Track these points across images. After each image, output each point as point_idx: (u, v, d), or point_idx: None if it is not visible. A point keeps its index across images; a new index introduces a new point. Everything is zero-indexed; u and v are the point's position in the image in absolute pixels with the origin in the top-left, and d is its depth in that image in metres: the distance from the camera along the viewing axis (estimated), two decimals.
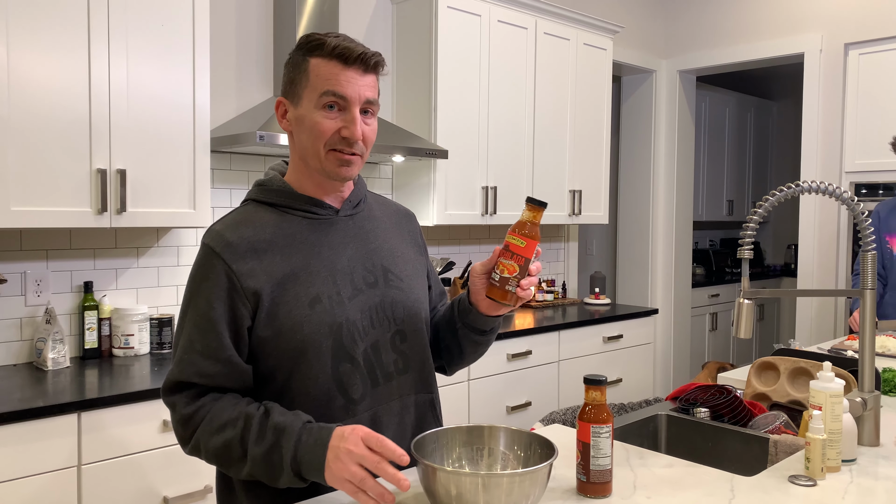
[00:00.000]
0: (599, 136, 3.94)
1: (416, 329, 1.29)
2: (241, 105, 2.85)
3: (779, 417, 1.67)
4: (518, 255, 1.14)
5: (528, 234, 1.15)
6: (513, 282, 1.15)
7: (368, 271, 1.24)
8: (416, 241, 1.40)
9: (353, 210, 1.28)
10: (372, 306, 1.23)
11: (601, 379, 1.18)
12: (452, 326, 1.32)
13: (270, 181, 1.24)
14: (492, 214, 3.35)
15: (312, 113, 1.16)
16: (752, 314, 1.44)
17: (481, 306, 1.24)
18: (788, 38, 4.27)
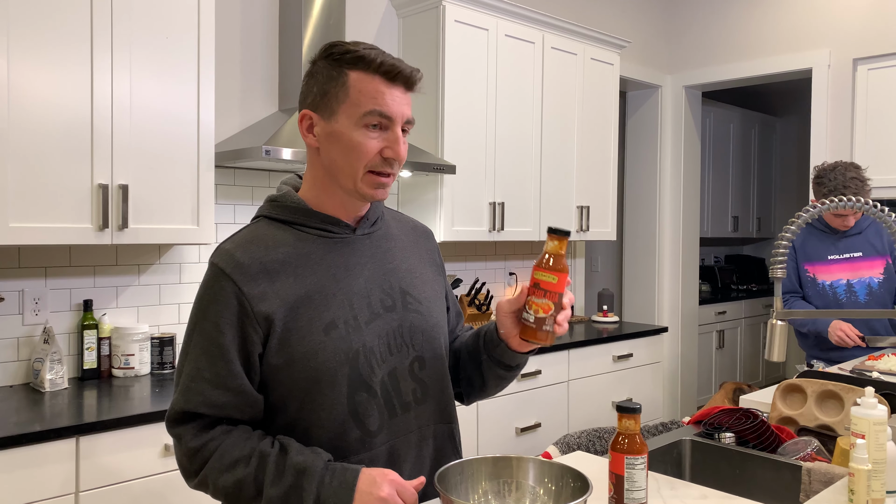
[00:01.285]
0: (607, 151, 3.89)
1: (435, 355, 1.22)
2: (245, 120, 2.80)
3: (810, 444, 1.60)
4: (551, 293, 1.08)
5: (557, 268, 1.08)
6: (549, 321, 1.09)
7: (386, 293, 1.18)
8: (434, 261, 1.33)
9: (371, 228, 1.22)
10: (390, 331, 1.16)
11: (635, 407, 1.11)
12: (476, 357, 1.26)
13: (284, 197, 1.18)
14: (499, 231, 3.29)
15: (352, 131, 1.10)
16: (786, 336, 1.37)
17: (512, 343, 1.17)
18: (796, 53, 4.24)
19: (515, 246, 3.83)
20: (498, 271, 3.74)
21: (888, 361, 2.39)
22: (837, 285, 2.65)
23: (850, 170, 2.52)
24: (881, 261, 2.69)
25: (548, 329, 1.09)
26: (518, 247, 3.85)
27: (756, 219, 6.53)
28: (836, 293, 2.64)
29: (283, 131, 2.46)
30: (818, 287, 2.64)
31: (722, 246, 6.76)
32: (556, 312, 1.09)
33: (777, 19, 4.33)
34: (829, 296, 2.64)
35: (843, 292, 2.65)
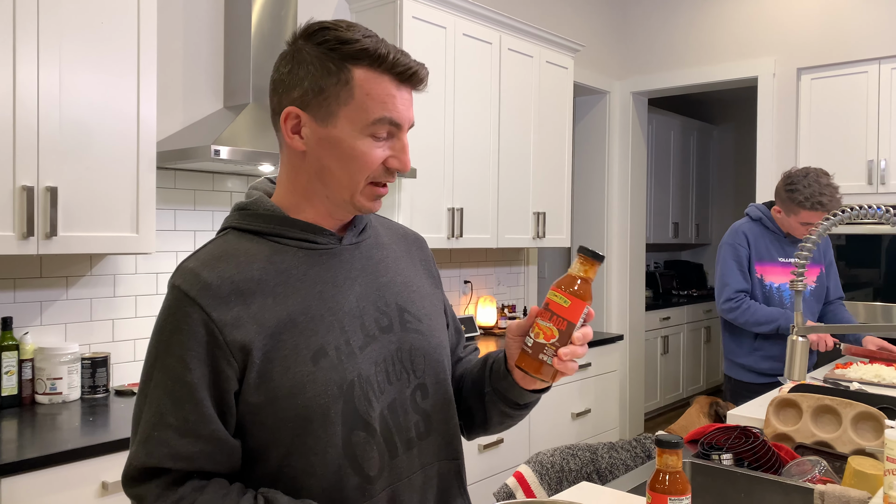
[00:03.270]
0: (561, 156, 3.82)
1: (439, 381, 1.06)
2: (188, 117, 2.56)
3: (817, 465, 1.52)
4: (559, 317, 0.92)
5: (575, 293, 0.92)
6: (549, 350, 0.93)
7: (381, 312, 1.01)
8: (430, 271, 1.17)
9: (359, 237, 1.05)
10: (388, 356, 0.99)
11: (677, 441, 0.98)
12: (480, 388, 1.10)
13: (255, 204, 1.00)
14: (458, 237, 3.15)
15: (356, 139, 0.93)
16: (807, 353, 1.28)
17: (515, 375, 1.02)
18: (742, 61, 4.29)
19: (471, 253, 3.70)
20: (453, 280, 3.60)
21: (858, 370, 2.38)
22: (784, 289, 2.63)
23: (822, 176, 2.49)
24: (817, 269, 2.70)
25: (544, 359, 0.93)
26: (473, 254, 3.72)
27: (695, 225, 6.64)
28: (782, 297, 2.62)
29: (231, 130, 2.25)
30: (765, 288, 2.61)
31: (661, 252, 6.84)
32: (561, 343, 0.92)
33: (724, 28, 4.37)
34: (776, 299, 2.61)
35: (788, 297, 2.63)
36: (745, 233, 2.65)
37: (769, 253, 2.64)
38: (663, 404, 5.69)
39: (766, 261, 2.64)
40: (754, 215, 2.69)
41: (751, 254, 2.63)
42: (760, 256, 2.63)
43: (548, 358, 0.93)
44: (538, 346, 0.93)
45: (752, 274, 2.62)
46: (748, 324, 2.56)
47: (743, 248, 2.62)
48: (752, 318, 2.54)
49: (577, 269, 0.94)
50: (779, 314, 2.53)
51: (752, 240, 2.64)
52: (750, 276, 2.63)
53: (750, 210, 2.71)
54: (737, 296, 2.58)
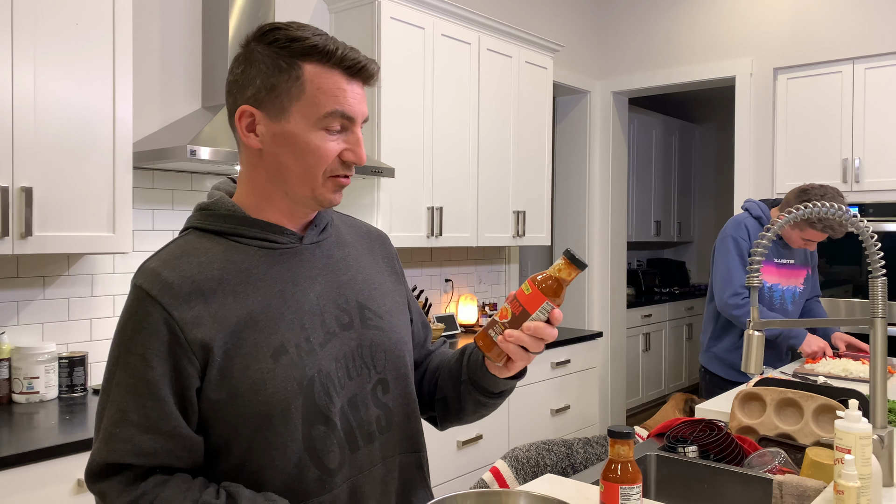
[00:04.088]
0: (541, 155, 3.85)
1: (399, 376, 1.09)
2: (165, 118, 2.57)
3: (777, 456, 1.56)
4: (517, 302, 0.97)
5: (539, 285, 0.96)
6: (498, 327, 0.97)
7: (342, 310, 1.04)
8: (394, 268, 1.20)
9: (320, 236, 1.07)
10: (348, 353, 1.02)
11: (628, 432, 1.02)
12: (456, 378, 1.13)
13: (217, 204, 1.02)
14: (437, 236, 3.18)
15: (309, 133, 0.96)
16: (762, 347, 1.32)
17: (490, 364, 1.06)
18: (720, 61, 4.35)
19: (451, 252, 3.73)
20: (434, 278, 3.63)
21: (827, 364, 2.43)
22: (776, 289, 2.66)
23: (838, 198, 2.49)
24: (804, 271, 2.74)
25: (492, 335, 0.97)
26: (454, 253, 3.75)
27: (677, 223, 6.71)
28: (772, 296, 2.66)
29: (209, 130, 2.26)
30: (759, 288, 2.64)
31: (643, 250, 6.90)
32: (511, 325, 0.96)
33: (702, 28, 4.43)
34: (766, 298, 2.65)
35: (777, 297, 2.67)
36: (747, 227, 2.66)
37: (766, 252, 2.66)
38: (645, 401, 5.74)
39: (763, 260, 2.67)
40: (755, 212, 2.70)
41: (750, 248, 2.66)
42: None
43: (494, 335, 0.97)
44: (492, 322, 0.98)
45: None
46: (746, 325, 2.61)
47: (745, 241, 2.63)
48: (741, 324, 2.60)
49: (554, 270, 0.98)
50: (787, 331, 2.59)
51: (753, 236, 2.65)
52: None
53: (750, 206, 2.73)
54: (743, 291, 2.59)
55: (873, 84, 3.81)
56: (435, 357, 1.23)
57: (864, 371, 2.33)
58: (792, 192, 2.58)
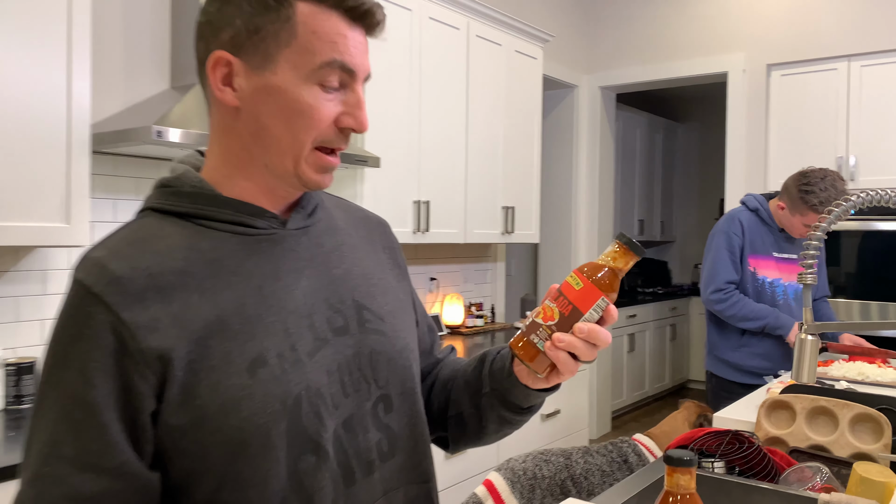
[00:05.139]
0: (530, 150, 3.69)
1: (406, 390, 0.90)
2: (129, 98, 2.35)
3: (818, 472, 1.41)
4: (565, 299, 0.78)
5: (594, 278, 0.78)
6: (543, 332, 0.78)
7: (335, 310, 0.84)
8: (396, 261, 1.00)
9: (308, 220, 0.88)
10: (343, 363, 0.83)
11: (689, 459, 0.84)
12: (475, 390, 0.94)
13: (180, 180, 0.82)
14: (424, 232, 2.99)
15: (300, 88, 0.77)
16: (816, 353, 1.16)
17: (514, 366, 0.87)
18: (712, 57, 4.23)
19: (437, 249, 3.54)
20: (419, 276, 3.44)
21: (840, 368, 2.29)
22: (777, 284, 2.52)
23: (839, 181, 2.37)
24: None
25: (535, 341, 0.79)
26: (440, 250, 3.56)
27: (660, 222, 6.61)
28: (774, 292, 2.51)
29: (178, 110, 2.05)
30: (757, 282, 2.49)
31: None
32: (559, 328, 0.78)
33: (694, 23, 4.30)
34: (768, 294, 2.50)
35: (780, 293, 2.53)
36: (741, 221, 2.52)
37: (764, 246, 2.52)
38: (630, 402, 5.62)
39: (760, 254, 2.51)
40: (751, 205, 2.56)
41: (744, 244, 2.49)
42: (755, 248, 2.51)
43: (539, 341, 0.78)
44: (534, 325, 0.79)
45: (745, 266, 2.49)
46: (734, 318, 2.44)
47: (737, 237, 2.50)
48: (739, 313, 2.43)
49: (606, 256, 0.80)
50: (768, 312, 2.42)
51: (748, 230, 2.51)
52: (742, 267, 2.51)
53: (747, 199, 2.59)
54: (726, 287, 2.46)
55: (869, 81, 3.71)
56: (445, 367, 1.04)
57: (881, 374, 2.19)
58: (791, 177, 2.46)
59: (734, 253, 2.47)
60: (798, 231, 2.46)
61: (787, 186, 2.44)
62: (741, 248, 2.48)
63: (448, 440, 1.02)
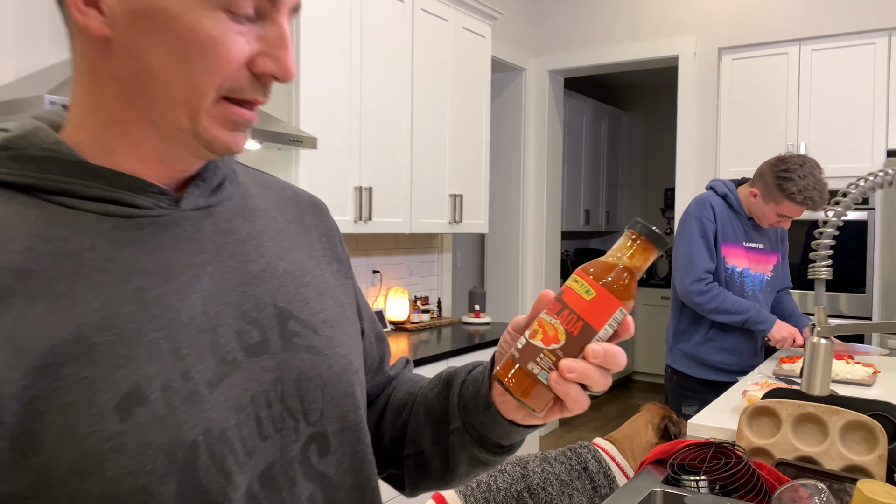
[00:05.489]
0: (479, 134, 3.49)
1: (347, 425, 0.68)
2: (22, 67, 2.04)
3: (818, 493, 1.25)
4: (572, 314, 0.57)
5: (609, 284, 0.57)
6: (545, 359, 0.57)
7: (249, 321, 0.62)
8: (336, 253, 0.77)
9: (212, 198, 0.64)
10: (259, 394, 0.60)
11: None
12: (440, 421, 0.72)
13: (26, 139, 0.57)
14: (366, 221, 2.75)
15: (199, 14, 0.54)
16: (831, 360, 0.99)
17: (493, 393, 0.66)
18: (663, 40, 4.11)
19: (379, 240, 3.31)
20: (360, 269, 3.20)
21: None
22: (746, 275, 2.39)
23: (817, 169, 2.24)
24: (774, 257, 2.50)
25: (534, 372, 0.57)
26: (382, 241, 3.33)
27: (605, 212, 6.52)
28: (744, 283, 2.38)
29: None
30: (727, 272, 2.35)
31: (571, 240, 6.69)
32: (565, 353, 0.57)
33: (645, 4, 4.17)
34: (737, 284, 2.37)
35: (750, 284, 2.40)
36: (713, 206, 2.36)
37: (734, 234, 2.37)
38: None
39: (731, 242, 2.37)
40: (720, 190, 2.41)
41: (717, 230, 2.35)
42: (726, 236, 2.36)
43: (540, 371, 0.56)
44: (531, 350, 0.57)
45: (718, 253, 2.35)
46: (715, 311, 2.28)
47: (710, 222, 2.34)
48: (721, 306, 2.28)
49: (617, 252, 0.59)
50: (749, 306, 2.29)
51: (719, 216, 2.36)
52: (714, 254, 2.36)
53: (715, 184, 2.44)
54: (706, 276, 2.30)
55: (819, 66, 3.66)
56: (399, 387, 0.82)
57: (852, 372, 2.09)
58: (766, 163, 2.32)
59: (708, 240, 2.32)
60: (769, 220, 2.33)
61: (763, 173, 2.30)
62: (714, 235, 2.33)
63: (404, 480, 0.80)
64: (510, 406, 0.64)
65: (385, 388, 0.83)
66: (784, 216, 2.28)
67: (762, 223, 2.37)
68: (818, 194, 2.20)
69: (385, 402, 0.81)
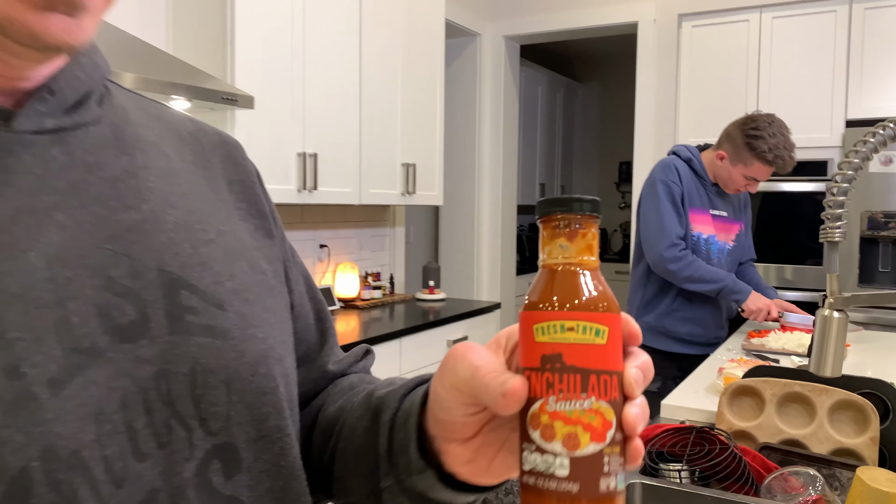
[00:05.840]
0: (433, 100, 3.30)
1: (267, 433, 0.51)
2: None
3: (812, 481, 1.13)
4: (602, 381, 0.38)
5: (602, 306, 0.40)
6: (615, 462, 0.39)
7: (119, 291, 0.44)
8: (257, 206, 0.59)
9: (67, 117, 0.46)
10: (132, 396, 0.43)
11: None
12: (370, 474, 0.52)
13: None
14: (311, 190, 2.55)
15: None
16: (844, 335, 0.86)
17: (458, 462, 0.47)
18: (622, 5, 3.97)
19: (326, 212, 3.10)
20: (306, 243, 3.00)
21: (778, 339, 2.09)
22: (713, 242, 2.29)
23: (785, 129, 2.15)
24: (737, 226, 2.40)
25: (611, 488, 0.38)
26: (329, 213, 3.12)
27: (560, 186, 6.42)
28: (710, 250, 2.28)
29: None
30: (692, 239, 2.24)
31: (525, 214, 6.57)
32: (622, 442, 0.39)
33: None
34: (703, 252, 2.26)
35: (716, 251, 2.30)
36: (677, 169, 2.24)
37: (700, 200, 2.27)
38: None
39: (697, 207, 2.26)
40: (683, 155, 2.30)
41: (683, 194, 2.23)
42: (692, 202, 2.25)
43: (617, 478, 0.39)
44: (580, 465, 0.38)
45: (686, 219, 2.23)
46: (690, 279, 2.16)
47: (677, 185, 2.22)
48: (696, 274, 2.15)
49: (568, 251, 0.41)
50: (724, 274, 2.18)
51: (685, 180, 2.25)
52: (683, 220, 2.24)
53: (677, 149, 2.32)
54: (679, 242, 2.18)
55: (780, 34, 3.57)
56: (339, 393, 0.63)
57: None
58: (733, 123, 2.23)
59: (677, 204, 2.21)
60: (736, 184, 2.22)
61: (730, 133, 2.19)
62: (681, 199, 2.21)
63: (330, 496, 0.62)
64: (465, 463, 0.47)
65: (326, 389, 0.66)
66: (752, 179, 2.18)
67: (728, 188, 2.26)
68: (788, 154, 2.11)
69: (320, 407, 0.63)
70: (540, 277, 0.41)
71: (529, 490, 0.39)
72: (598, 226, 0.42)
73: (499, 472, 0.47)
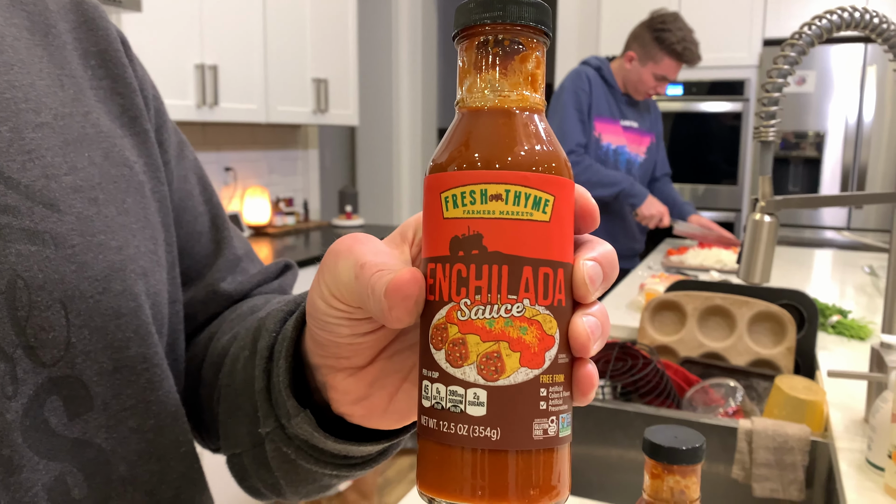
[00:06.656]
0: (344, 10, 3.08)
1: (128, 362, 0.41)
2: None
3: (732, 392, 1.12)
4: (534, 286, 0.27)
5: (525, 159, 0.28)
6: (557, 400, 0.28)
7: None
8: (123, 81, 0.47)
9: None
10: None
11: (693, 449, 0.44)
12: (254, 418, 0.41)
13: None
14: (212, 106, 2.34)
15: None
16: (774, 242, 0.81)
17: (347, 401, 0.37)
18: None
19: (232, 132, 2.89)
20: (209, 166, 2.79)
21: (697, 256, 2.10)
22: (622, 152, 2.26)
23: (687, 26, 2.13)
24: (647, 138, 2.37)
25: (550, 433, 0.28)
26: (235, 133, 2.91)
27: None
28: (618, 161, 2.25)
29: None
30: (601, 149, 2.21)
31: None
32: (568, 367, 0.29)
33: None
34: (611, 163, 2.23)
35: (624, 162, 2.27)
36: (588, 77, 2.19)
37: (609, 109, 2.23)
38: None
39: (606, 117, 2.21)
40: (594, 63, 2.24)
41: (591, 103, 2.18)
42: (600, 111, 2.20)
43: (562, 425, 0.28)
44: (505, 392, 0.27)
45: (590, 130, 2.18)
46: (587, 184, 2.12)
47: (585, 94, 2.17)
48: (593, 178, 2.12)
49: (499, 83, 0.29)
50: (622, 177, 2.16)
51: (594, 88, 2.20)
52: (585, 131, 2.20)
53: (588, 59, 2.27)
54: (577, 149, 2.14)
55: None
56: (240, 315, 0.51)
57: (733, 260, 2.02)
58: (639, 24, 2.21)
59: (582, 112, 2.17)
60: (647, 87, 2.19)
61: (637, 33, 2.18)
62: (588, 108, 2.16)
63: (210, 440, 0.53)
64: (359, 401, 0.36)
65: (221, 311, 0.54)
66: (662, 78, 2.16)
67: (638, 93, 2.23)
68: (696, 46, 2.13)
69: (209, 339, 0.52)
70: (456, 126, 0.30)
71: (428, 435, 0.28)
72: (546, 48, 0.31)
73: (401, 411, 0.37)
